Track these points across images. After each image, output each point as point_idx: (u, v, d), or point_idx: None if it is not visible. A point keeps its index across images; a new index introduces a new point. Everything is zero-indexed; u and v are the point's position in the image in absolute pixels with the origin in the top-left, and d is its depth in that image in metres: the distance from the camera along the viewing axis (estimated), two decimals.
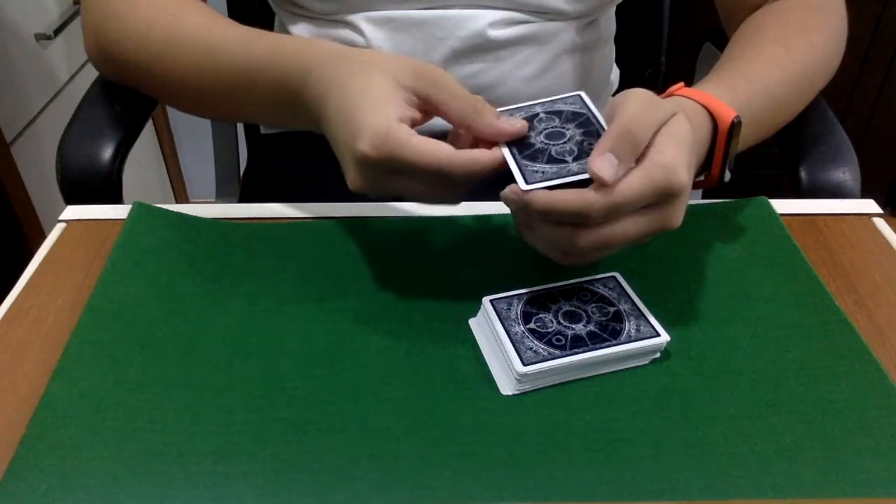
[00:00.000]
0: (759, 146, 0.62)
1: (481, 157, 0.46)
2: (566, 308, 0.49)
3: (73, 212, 0.61)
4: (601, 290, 0.50)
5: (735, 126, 0.53)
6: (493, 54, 0.71)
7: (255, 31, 0.59)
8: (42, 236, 1.23)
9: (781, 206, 0.61)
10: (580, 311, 0.49)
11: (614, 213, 0.44)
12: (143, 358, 0.48)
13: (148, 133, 1.73)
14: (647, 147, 0.44)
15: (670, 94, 0.55)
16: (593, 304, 0.49)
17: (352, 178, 0.48)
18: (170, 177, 1.85)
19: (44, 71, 1.35)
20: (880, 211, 0.61)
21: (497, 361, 0.48)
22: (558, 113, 0.51)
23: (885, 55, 1.73)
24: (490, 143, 0.49)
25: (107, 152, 0.65)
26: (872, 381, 0.46)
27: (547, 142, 0.48)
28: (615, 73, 0.87)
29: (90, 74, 0.72)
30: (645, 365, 0.48)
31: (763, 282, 0.54)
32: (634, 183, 0.43)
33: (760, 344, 0.49)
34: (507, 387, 0.46)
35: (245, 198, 0.92)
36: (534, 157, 0.47)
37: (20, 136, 1.26)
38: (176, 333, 0.49)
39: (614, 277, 0.51)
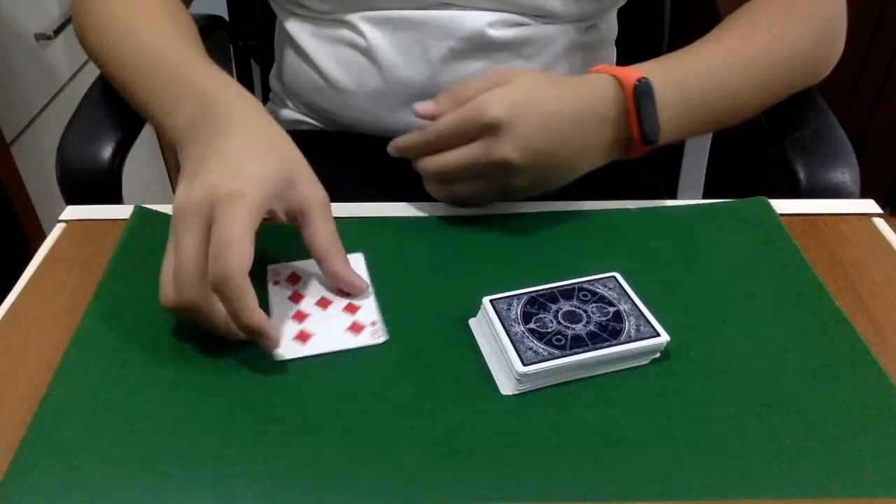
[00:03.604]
0: (758, 146, 0.62)
1: (262, 325, 0.45)
2: (566, 308, 0.49)
3: (73, 212, 0.61)
4: (601, 290, 0.50)
5: (642, 86, 0.56)
6: (493, 55, 0.71)
7: (194, 58, 0.59)
8: (42, 236, 1.23)
9: (781, 206, 0.61)
10: (580, 311, 0.49)
11: (437, 142, 0.55)
12: (144, 360, 0.48)
13: (148, 133, 1.73)
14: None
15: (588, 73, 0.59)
16: (593, 304, 0.49)
17: (179, 195, 0.48)
18: (170, 177, 1.85)
19: (44, 71, 1.35)
20: (880, 211, 0.61)
21: (497, 361, 0.48)
22: None
23: (885, 55, 1.73)
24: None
25: (106, 152, 0.65)
26: (872, 381, 0.46)
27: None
28: None
29: (90, 74, 0.72)
30: (645, 365, 0.48)
31: (763, 282, 0.54)
32: (448, 118, 0.54)
33: (760, 344, 0.49)
34: (507, 387, 0.46)
35: None
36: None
37: (20, 136, 1.26)
38: (176, 336, 0.49)
39: (614, 277, 0.51)
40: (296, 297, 0.52)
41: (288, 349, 0.48)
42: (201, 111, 0.53)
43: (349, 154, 0.77)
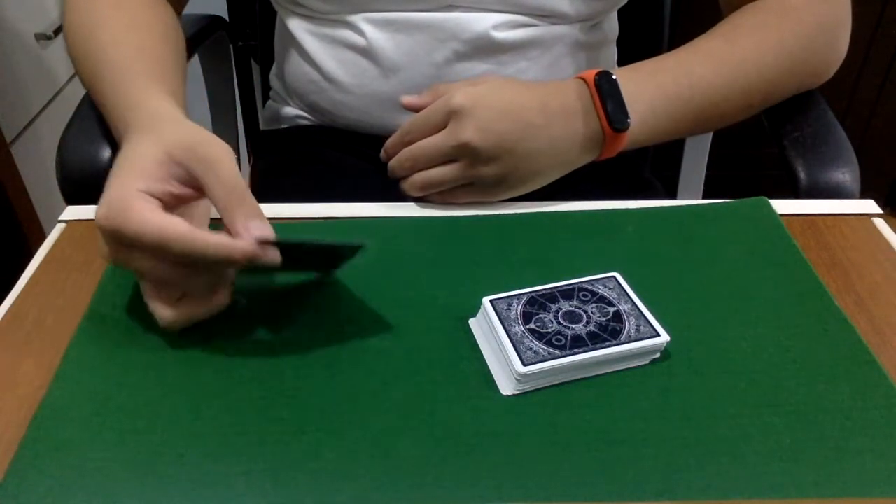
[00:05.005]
0: (758, 146, 0.62)
1: (225, 243, 0.44)
2: (566, 308, 0.49)
3: (73, 212, 0.61)
4: (601, 290, 0.50)
5: (603, 76, 0.59)
6: (496, 57, 0.71)
7: (132, 69, 0.59)
8: (42, 236, 1.23)
9: (781, 206, 0.61)
10: (580, 312, 0.49)
11: (412, 132, 0.61)
12: (143, 360, 0.48)
13: None
14: None
15: None
16: (593, 305, 0.49)
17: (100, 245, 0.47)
18: None
19: (44, 71, 1.35)
20: (880, 211, 0.61)
21: (497, 361, 0.48)
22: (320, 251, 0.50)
23: (885, 55, 1.73)
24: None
25: (106, 152, 0.65)
26: (872, 381, 0.46)
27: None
28: None
29: None
30: (645, 365, 0.48)
31: (763, 282, 0.54)
32: (421, 112, 0.60)
33: (760, 344, 0.49)
34: (507, 387, 0.46)
35: None
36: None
37: (20, 136, 1.26)
38: (175, 336, 0.49)
39: (614, 277, 0.51)
40: None
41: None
42: (123, 132, 0.54)
43: (350, 151, 0.77)
